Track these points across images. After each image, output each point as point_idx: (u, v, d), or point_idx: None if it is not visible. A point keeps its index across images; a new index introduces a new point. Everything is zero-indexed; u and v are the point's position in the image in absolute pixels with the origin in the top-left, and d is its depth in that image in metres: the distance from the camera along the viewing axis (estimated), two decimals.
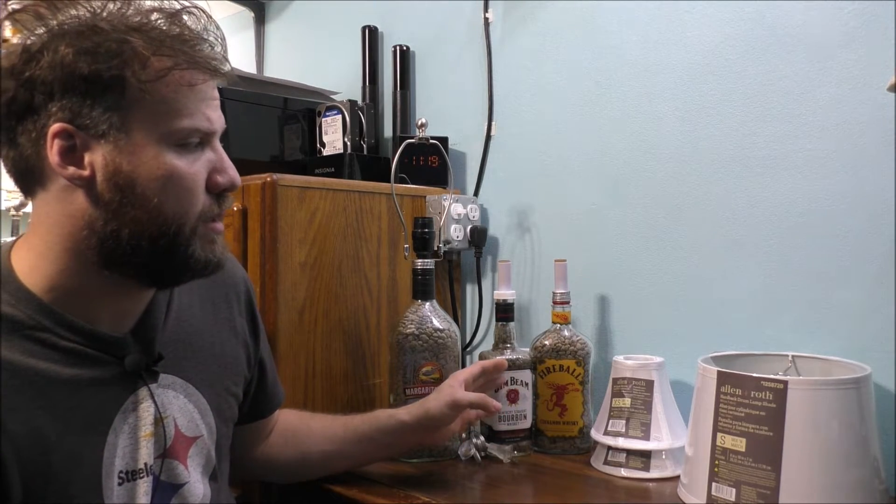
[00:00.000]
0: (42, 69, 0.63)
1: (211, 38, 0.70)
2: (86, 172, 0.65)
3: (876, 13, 0.95)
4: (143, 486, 0.72)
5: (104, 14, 0.66)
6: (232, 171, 0.73)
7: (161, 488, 0.75)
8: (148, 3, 0.68)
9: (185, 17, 0.68)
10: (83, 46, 0.63)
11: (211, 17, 0.71)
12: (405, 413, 0.95)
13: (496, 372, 1.03)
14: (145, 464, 0.73)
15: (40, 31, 0.65)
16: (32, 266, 0.68)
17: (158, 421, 0.74)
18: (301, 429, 0.98)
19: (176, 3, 0.69)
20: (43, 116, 0.64)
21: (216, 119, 0.71)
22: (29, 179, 0.68)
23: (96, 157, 0.65)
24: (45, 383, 0.66)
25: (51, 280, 0.68)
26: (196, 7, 0.70)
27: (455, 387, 0.95)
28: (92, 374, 0.69)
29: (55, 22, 0.64)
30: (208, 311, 0.85)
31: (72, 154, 0.65)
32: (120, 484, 0.71)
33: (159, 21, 0.67)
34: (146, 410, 0.73)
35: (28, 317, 0.66)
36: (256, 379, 0.92)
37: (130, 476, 0.72)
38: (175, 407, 0.77)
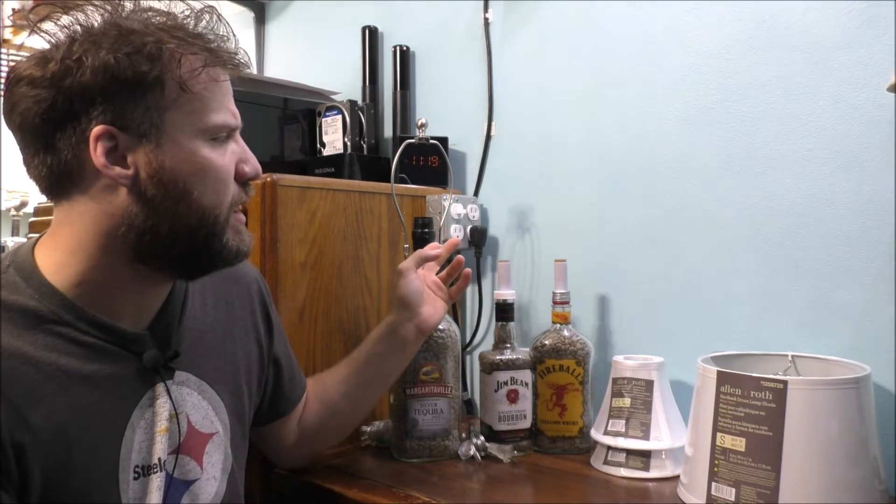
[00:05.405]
0: (85, 75, 0.65)
1: (224, 34, 0.73)
2: (130, 171, 0.68)
3: (876, 13, 0.95)
4: (157, 482, 0.74)
5: (123, 15, 0.68)
6: (255, 161, 0.77)
7: (173, 485, 0.76)
8: (155, 3, 0.70)
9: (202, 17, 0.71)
10: (125, 51, 0.65)
11: (221, 15, 0.73)
12: (385, 317, 1.00)
13: (439, 251, 1.04)
14: (159, 458, 0.74)
15: (61, 36, 0.67)
16: (60, 263, 0.70)
17: (173, 416, 0.76)
18: (319, 390, 1.00)
19: (191, 2, 0.72)
20: (83, 121, 0.66)
21: (237, 113, 0.75)
22: (65, 182, 0.69)
23: (139, 157, 0.68)
24: (65, 378, 0.67)
25: (79, 276, 0.70)
26: (208, 6, 0.72)
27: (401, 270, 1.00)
28: (111, 369, 0.71)
29: (79, 27, 0.66)
30: (222, 310, 0.86)
31: (114, 154, 0.67)
32: (136, 478, 0.72)
33: (185, 21, 0.70)
34: (162, 406, 0.75)
35: (50, 311, 0.68)
36: (272, 377, 0.94)
37: (145, 471, 0.73)
38: (189, 403, 0.79)
